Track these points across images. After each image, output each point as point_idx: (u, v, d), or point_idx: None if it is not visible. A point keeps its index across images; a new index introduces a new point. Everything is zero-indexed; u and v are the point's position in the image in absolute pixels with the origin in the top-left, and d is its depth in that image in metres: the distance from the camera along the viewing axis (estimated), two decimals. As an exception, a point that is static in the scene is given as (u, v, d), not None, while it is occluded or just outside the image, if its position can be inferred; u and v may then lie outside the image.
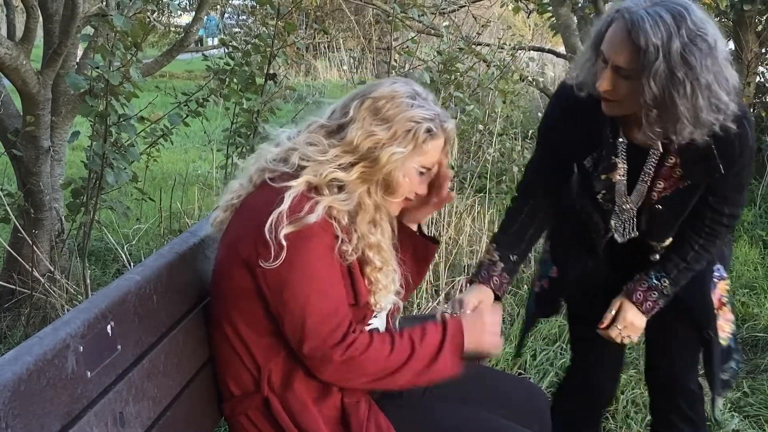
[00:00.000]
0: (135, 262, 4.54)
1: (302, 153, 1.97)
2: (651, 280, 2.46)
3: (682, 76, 2.05)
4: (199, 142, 9.12)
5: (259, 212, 1.88)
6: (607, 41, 2.16)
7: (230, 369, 2.01)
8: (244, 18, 15.24)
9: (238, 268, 1.91)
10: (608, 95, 2.19)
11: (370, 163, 1.96)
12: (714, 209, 2.39)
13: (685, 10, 2.09)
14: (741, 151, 2.28)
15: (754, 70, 8.59)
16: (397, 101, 1.98)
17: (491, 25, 8.98)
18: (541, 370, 3.92)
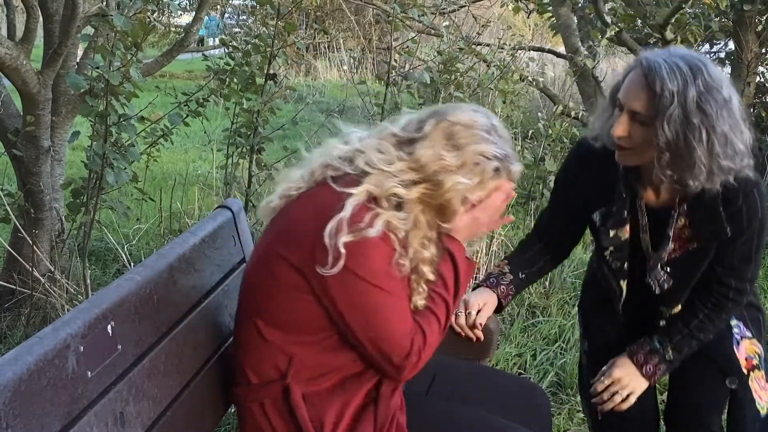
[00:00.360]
0: (135, 262, 4.54)
1: (368, 158, 1.96)
2: (653, 343, 2.47)
3: (697, 122, 2.10)
4: (199, 142, 9.12)
5: (317, 216, 1.88)
6: (624, 88, 2.21)
7: (254, 356, 2.00)
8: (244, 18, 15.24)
9: (287, 267, 1.90)
10: (622, 142, 2.23)
11: (433, 186, 1.95)
12: (721, 281, 2.42)
13: (702, 64, 2.14)
14: (749, 220, 2.31)
15: (754, 70, 8.60)
16: (473, 131, 1.97)
17: (491, 25, 8.97)
18: (541, 369, 3.92)
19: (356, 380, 2.01)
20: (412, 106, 5.84)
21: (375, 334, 1.90)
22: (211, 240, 2.20)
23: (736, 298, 2.44)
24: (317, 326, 1.94)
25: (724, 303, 2.43)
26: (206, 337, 2.07)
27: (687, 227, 2.37)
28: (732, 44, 9.20)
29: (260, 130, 4.73)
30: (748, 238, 2.34)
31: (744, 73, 8.49)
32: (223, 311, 2.20)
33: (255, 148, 4.80)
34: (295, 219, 1.96)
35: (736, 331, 2.53)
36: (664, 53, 2.19)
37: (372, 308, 1.89)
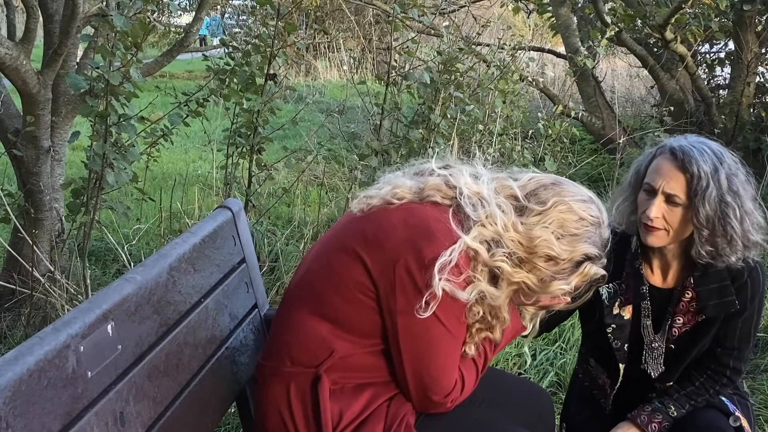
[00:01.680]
0: (135, 262, 4.54)
1: (491, 213, 1.97)
2: (654, 404, 2.56)
3: (731, 200, 2.29)
4: (199, 143, 9.13)
5: (413, 236, 1.92)
6: (655, 173, 2.37)
7: (295, 338, 2.04)
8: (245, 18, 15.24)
9: (362, 270, 1.95)
10: (656, 223, 2.36)
11: (539, 283, 2.02)
12: (719, 361, 2.54)
13: (721, 149, 2.36)
14: (753, 296, 2.45)
15: (753, 70, 8.60)
16: (584, 224, 2.03)
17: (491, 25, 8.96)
18: (541, 370, 3.92)
19: (382, 386, 2.06)
20: (411, 106, 5.85)
21: (422, 368, 1.97)
22: (211, 240, 2.20)
23: (732, 376, 2.55)
24: (369, 332, 1.99)
25: (719, 378, 2.54)
26: (206, 337, 2.07)
27: (695, 300, 2.48)
28: (732, 44, 9.20)
29: (260, 130, 4.73)
30: (749, 316, 2.47)
31: (744, 73, 8.49)
32: (223, 311, 2.20)
33: (255, 148, 4.80)
34: (389, 228, 1.97)
35: (729, 403, 2.58)
36: (684, 140, 2.39)
37: (429, 344, 1.95)
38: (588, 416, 2.74)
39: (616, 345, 2.58)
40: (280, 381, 2.05)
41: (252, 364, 2.31)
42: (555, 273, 2.00)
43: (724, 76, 9.70)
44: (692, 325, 2.51)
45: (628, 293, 2.54)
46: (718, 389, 2.55)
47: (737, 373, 2.56)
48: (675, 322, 2.52)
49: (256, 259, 2.52)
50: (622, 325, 2.56)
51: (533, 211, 2.00)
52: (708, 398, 2.54)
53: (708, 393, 2.54)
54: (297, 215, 6.03)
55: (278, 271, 4.91)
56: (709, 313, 2.46)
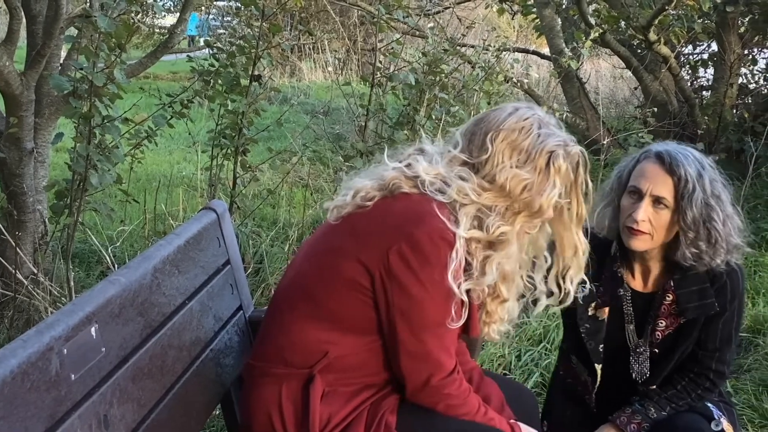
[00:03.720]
0: (119, 264, 4.52)
1: (460, 188, 1.99)
2: (634, 405, 2.58)
3: (714, 203, 2.34)
4: (183, 144, 9.09)
5: (407, 225, 1.94)
6: (642, 176, 2.40)
7: (287, 340, 2.05)
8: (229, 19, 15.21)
9: (356, 264, 1.96)
10: (642, 227, 2.37)
11: (533, 214, 2.04)
12: (702, 364, 2.55)
13: (701, 154, 2.43)
14: (732, 297, 2.48)
15: (736, 71, 8.65)
16: (530, 133, 2.04)
17: (476, 26, 8.99)
18: (526, 370, 3.93)
19: (374, 390, 2.08)
20: (396, 107, 5.85)
21: (420, 348, 1.98)
22: (195, 242, 2.19)
23: (715, 379, 2.56)
24: (365, 329, 2.00)
25: (701, 381, 2.55)
26: (191, 339, 2.07)
27: (675, 302, 2.50)
28: (715, 46, 9.24)
29: (245, 131, 4.72)
30: (730, 317, 2.50)
31: (727, 74, 8.54)
32: (207, 313, 2.20)
33: (240, 149, 4.79)
34: (377, 220, 1.99)
35: (714, 408, 2.60)
36: (666, 145, 2.44)
37: (426, 325, 1.97)
38: (572, 414, 2.74)
39: (590, 345, 2.60)
40: (271, 382, 2.05)
41: (237, 366, 2.30)
42: (538, 191, 2.01)
43: (707, 77, 9.75)
44: (674, 328, 2.53)
45: (605, 295, 2.56)
46: (701, 393, 2.56)
47: (720, 376, 2.57)
48: (657, 326, 2.54)
49: (240, 261, 2.52)
50: (597, 326, 2.58)
51: (484, 161, 2.02)
52: (690, 402, 2.55)
53: (690, 397, 2.55)
54: (282, 217, 6.02)
55: (263, 273, 4.90)
56: (689, 315, 2.48)
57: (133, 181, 5.98)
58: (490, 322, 2.14)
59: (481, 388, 2.26)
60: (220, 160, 4.96)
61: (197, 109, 5.09)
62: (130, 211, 5.69)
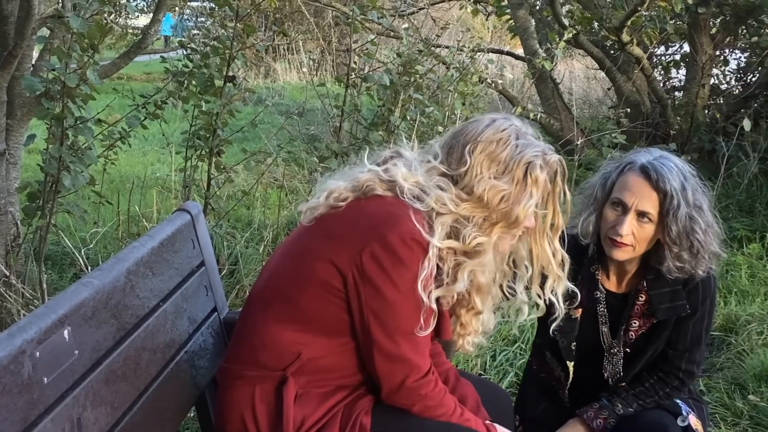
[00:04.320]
0: (93, 266, 4.50)
1: (438, 197, 2.00)
2: (602, 401, 2.61)
3: (696, 215, 2.36)
4: (157, 145, 9.05)
5: (380, 227, 1.94)
6: (627, 189, 2.41)
7: (260, 342, 2.05)
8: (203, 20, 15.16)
9: (329, 265, 1.96)
10: (626, 240, 2.40)
11: (511, 224, 2.04)
12: (671, 364, 2.58)
13: (682, 163, 2.44)
14: (704, 298, 2.51)
15: (708, 72, 8.72)
16: (507, 144, 2.05)
17: (450, 27, 9.01)
18: (501, 370, 3.94)
19: (348, 391, 2.08)
20: (371, 108, 5.85)
21: (394, 349, 1.98)
22: (169, 243, 2.19)
23: (684, 378, 2.60)
24: (338, 331, 2.01)
25: (670, 380, 2.59)
26: (165, 342, 2.06)
27: (647, 303, 2.53)
28: (687, 46, 9.32)
29: (219, 132, 4.71)
30: (700, 318, 2.53)
31: (699, 75, 8.61)
32: (182, 315, 2.19)
33: (214, 150, 4.77)
34: (350, 221, 2.00)
35: (683, 405, 2.62)
36: (650, 155, 2.46)
37: (399, 326, 1.97)
38: (545, 408, 2.76)
39: (562, 343, 2.62)
40: (245, 384, 2.05)
41: (212, 368, 2.30)
42: (515, 202, 2.02)
43: (680, 77, 9.83)
44: (647, 328, 2.56)
45: (581, 297, 2.56)
46: (668, 391, 2.59)
47: (690, 376, 2.60)
48: (631, 326, 2.57)
49: (215, 263, 2.51)
50: (570, 325, 2.59)
51: (462, 173, 2.03)
52: (657, 399, 2.58)
53: (657, 394, 2.58)
54: (257, 218, 6.01)
55: (238, 274, 4.89)
56: (661, 316, 2.51)
57: (106, 183, 5.95)
58: (465, 334, 2.16)
59: (457, 389, 2.27)
60: (195, 162, 4.93)
61: (171, 110, 5.06)
62: (103, 212, 5.65)
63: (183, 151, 4.87)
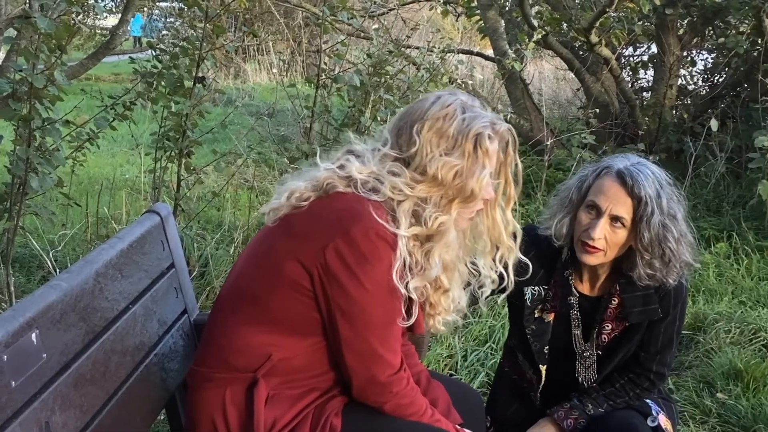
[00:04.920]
0: (61, 269, 4.46)
1: (392, 184, 1.99)
2: (573, 401, 2.62)
3: (669, 223, 2.36)
4: (126, 146, 8.99)
5: (343, 222, 1.93)
6: (602, 193, 2.41)
7: (230, 344, 2.04)
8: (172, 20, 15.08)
9: (296, 264, 1.95)
10: (597, 244, 2.40)
11: (467, 198, 2.03)
12: (643, 366, 2.59)
13: (659, 171, 2.44)
14: (675, 302, 2.52)
15: (676, 72, 8.80)
16: (453, 119, 2.03)
17: (420, 28, 9.02)
18: (472, 370, 3.95)
19: (318, 393, 2.08)
20: (342, 108, 5.84)
21: (364, 346, 1.98)
22: (139, 245, 2.17)
23: (656, 380, 2.62)
24: (308, 330, 2.00)
25: (641, 381, 2.60)
26: (134, 344, 2.05)
27: (620, 306, 2.54)
28: (655, 47, 9.39)
29: (189, 133, 4.68)
30: (672, 320, 2.54)
31: (666, 75, 8.68)
32: (151, 317, 2.18)
33: (184, 151, 4.75)
34: (314, 218, 1.99)
35: (652, 405, 2.64)
36: (627, 160, 2.45)
37: (368, 322, 1.96)
38: (517, 409, 2.77)
39: (535, 347, 2.63)
40: (214, 387, 2.04)
41: (182, 370, 2.29)
42: (468, 176, 2.01)
43: (648, 78, 9.90)
44: (620, 331, 2.57)
45: (554, 301, 2.59)
46: (639, 392, 2.60)
47: (660, 377, 2.62)
48: (604, 329, 2.58)
49: (185, 264, 2.50)
50: (543, 328, 2.61)
51: (413, 154, 2.02)
52: (628, 400, 2.60)
53: (628, 395, 2.60)
54: (227, 219, 5.98)
55: (208, 276, 4.87)
56: (633, 319, 2.52)
57: (74, 185, 5.90)
58: (435, 314, 2.14)
59: (428, 392, 2.27)
60: (164, 163, 4.91)
61: (140, 111, 5.03)
62: (71, 214, 5.61)
63: (152, 153, 4.85)
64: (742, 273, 5.51)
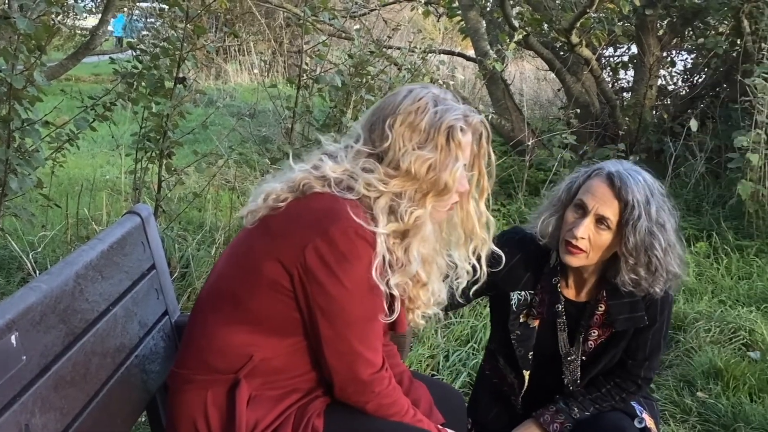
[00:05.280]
0: (41, 270, 4.43)
1: (366, 181, 1.98)
2: (558, 404, 2.61)
3: (657, 231, 2.34)
4: (107, 147, 8.94)
5: (323, 222, 1.93)
6: (590, 193, 2.40)
7: (211, 345, 2.03)
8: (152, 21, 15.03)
9: (276, 264, 1.95)
10: (580, 244, 2.39)
11: (441, 191, 2.02)
12: (630, 372, 2.59)
13: (653, 180, 2.42)
14: (662, 309, 2.51)
15: (655, 73, 8.85)
16: (425, 112, 2.02)
17: (402, 28, 9.03)
18: (454, 371, 3.96)
19: (300, 394, 2.07)
20: (323, 109, 5.84)
21: (345, 345, 1.97)
22: (119, 246, 2.16)
23: (643, 384, 2.62)
24: (289, 330, 2.00)
25: (627, 386, 2.60)
26: (115, 346, 2.04)
27: (606, 312, 2.53)
28: (635, 48, 9.44)
29: (170, 134, 4.67)
30: (659, 327, 2.53)
31: (646, 76, 8.73)
32: (132, 319, 2.17)
33: (165, 152, 4.74)
34: (293, 218, 1.98)
35: (636, 405, 2.65)
36: (620, 165, 2.44)
37: (348, 321, 1.96)
38: (498, 413, 2.77)
39: (519, 352, 2.61)
40: (195, 388, 2.03)
41: (163, 372, 2.28)
42: (441, 169, 2.01)
43: (628, 79, 9.95)
44: (606, 337, 2.56)
45: (541, 307, 2.57)
46: (625, 396, 2.61)
47: (648, 382, 2.64)
48: (590, 335, 2.56)
49: (166, 265, 2.49)
50: (528, 333, 2.59)
51: (386, 149, 2.02)
52: (614, 404, 2.60)
53: (614, 399, 2.60)
54: (208, 220, 5.97)
55: (189, 277, 4.85)
56: (619, 326, 2.51)
57: (54, 186, 5.87)
58: (414, 308, 2.13)
59: (411, 392, 2.27)
60: (145, 164, 4.89)
61: (120, 111, 5.01)
62: (51, 216, 5.58)
63: (133, 153, 4.83)
64: (722, 272, 5.55)
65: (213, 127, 8.28)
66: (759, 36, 7.62)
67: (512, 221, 6.51)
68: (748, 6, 7.73)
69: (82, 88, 9.12)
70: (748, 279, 5.50)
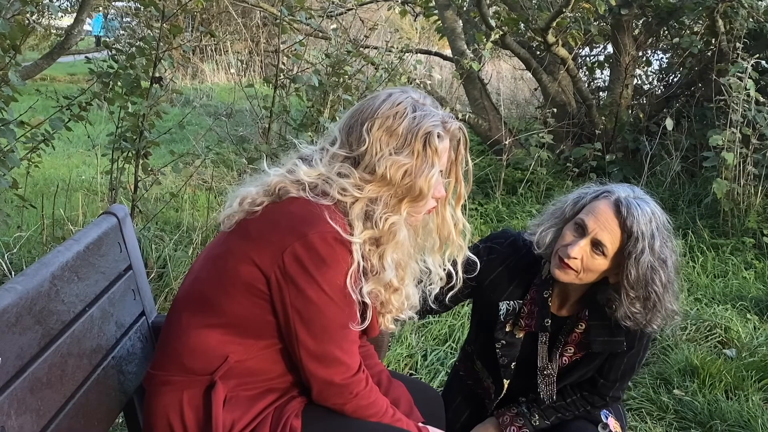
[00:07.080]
0: (16, 271, 4.40)
1: (340, 186, 1.98)
2: (520, 407, 2.60)
3: (659, 267, 2.28)
4: (83, 147, 8.90)
5: (301, 226, 1.92)
6: (593, 215, 2.32)
7: (186, 347, 2.02)
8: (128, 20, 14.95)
9: (252, 267, 1.94)
10: (572, 263, 2.32)
11: (416, 197, 2.02)
12: (599, 391, 2.57)
13: (661, 213, 2.35)
14: (641, 336, 2.46)
15: (631, 72, 8.90)
16: (404, 117, 2.01)
17: (379, 28, 9.03)
18: (432, 370, 3.97)
19: (277, 394, 2.07)
20: (300, 108, 5.83)
21: (321, 348, 1.97)
22: (95, 247, 2.15)
23: (611, 402, 2.61)
24: (264, 332, 1.99)
25: (596, 401, 2.59)
26: (91, 347, 2.03)
27: (586, 332, 2.49)
28: (611, 47, 9.49)
29: (146, 134, 4.65)
30: (636, 352, 2.50)
31: (622, 75, 8.78)
32: (108, 319, 2.16)
33: (141, 152, 4.71)
34: (271, 222, 1.97)
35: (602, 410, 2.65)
36: (632, 191, 2.37)
37: (325, 325, 1.96)
38: (469, 415, 2.75)
39: (503, 362, 2.58)
40: (171, 390, 2.02)
41: (140, 373, 2.27)
42: (416, 174, 2.00)
43: (604, 78, 10.00)
44: (581, 356, 2.53)
45: (530, 320, 2.52)
46: (590, 409, 2.60)
47: (616, 400, 2.63)
48: (566, 351, 2.54)
49: (143, 266, 2.48)
50: (513, 343, 2.56)
51: (363, 153, 2.01)
52: (578, 414, 2.59)
53: (578, 410, 2.59)
54: (185, 220, 5.95)
55: (167, 278, 4.83)
56: (596, 348, 2.48)
57: (30, 186, 5.83)
58: (385, 312, 2.12)
59: (390, 392, 2.27)
60: (121, 164, 4.87)
61: (96, 111, 5.00)
62: (27, 216, 5.54)
63: (109, 154, 4.80)
64: (698, 270, 5.59)
65: (190, 126, 8.25)
66: (733, 35, 7.70)
67: (489, 220, 6.53)
68: (722, 6, 7.80)
69: (57, 87, 9.04)
70: (724, 277, 5.55)
